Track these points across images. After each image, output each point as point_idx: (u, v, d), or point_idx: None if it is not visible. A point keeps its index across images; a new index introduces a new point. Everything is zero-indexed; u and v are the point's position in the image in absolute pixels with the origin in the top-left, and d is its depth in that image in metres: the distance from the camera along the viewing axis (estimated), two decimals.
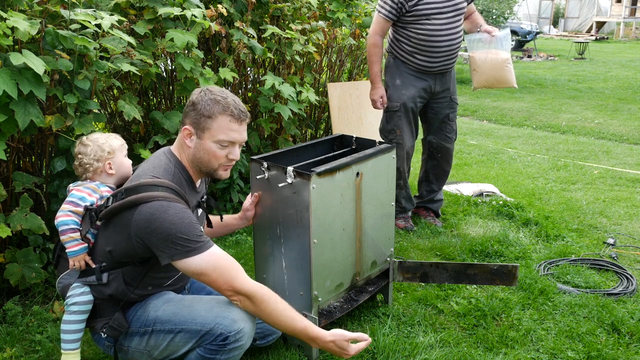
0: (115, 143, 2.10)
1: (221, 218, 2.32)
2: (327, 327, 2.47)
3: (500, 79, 3.54)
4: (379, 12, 3.36)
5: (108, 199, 1.90)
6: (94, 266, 1.93)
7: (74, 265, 1.94)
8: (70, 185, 2.05)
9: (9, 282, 2.46)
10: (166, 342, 1.89)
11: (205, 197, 2.12)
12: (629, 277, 3.04)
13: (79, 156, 2.07)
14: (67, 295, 1.92)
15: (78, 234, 1.93)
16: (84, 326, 1.94)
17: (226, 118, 1.88)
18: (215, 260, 1.79)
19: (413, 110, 3.53)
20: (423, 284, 2.88)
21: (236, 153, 1.95)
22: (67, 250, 1.94)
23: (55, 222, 1.95)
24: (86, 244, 1.94)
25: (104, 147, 2.06)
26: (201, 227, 1.83)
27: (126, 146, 2.18)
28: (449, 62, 3.48)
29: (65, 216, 1.94)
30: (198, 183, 2.06)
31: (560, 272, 3.08)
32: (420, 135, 3.81)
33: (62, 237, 1.94)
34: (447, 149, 3.73)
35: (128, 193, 1.81)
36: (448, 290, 2.85)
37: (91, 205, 1.96)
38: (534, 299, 2.78)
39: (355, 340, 1.95)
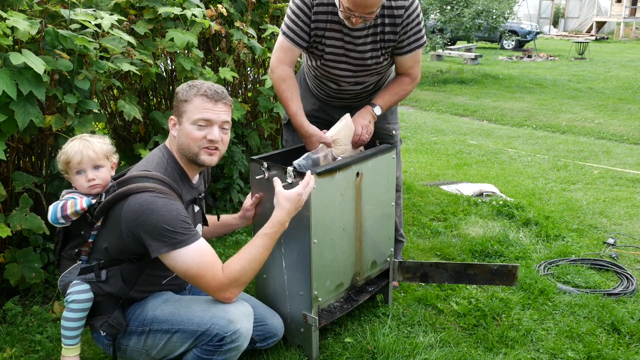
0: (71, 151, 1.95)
1: (218, 217, 2.32)
2: (327, 327, 2.49)
3: None
4: (284, 34, 2.46)
5: (101, 195, 1.90)
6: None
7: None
8: (64, 191, 2.01)
9: (9, 282, 2.46)
10: (163, 342, 1.89)
11: (203, 194, 2.12)
12: (629, 277, 3.04)
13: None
14: (67, 292, 1.93)
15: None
16: (83, 323, 1.95)
17: (200, 98, 1.92)
18: (200, 256, 1.81)
19: None
20: (423, 284, 2.88)
21: (215, 133, 1.94)
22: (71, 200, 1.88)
23: (49, 213, 1.89)
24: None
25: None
26: (189, 221, 1.83)
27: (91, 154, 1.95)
28: (346, 101, 2.70)
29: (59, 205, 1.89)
30: (195, 179, 2.06)
31: (560, 272, 3.08)
32: None
33: (66, 211, 1.87)
34: None
35: (120, 186, 1.84)
36: (448, 290, 2.85)
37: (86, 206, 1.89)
38: (534, 299, 2.78)
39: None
